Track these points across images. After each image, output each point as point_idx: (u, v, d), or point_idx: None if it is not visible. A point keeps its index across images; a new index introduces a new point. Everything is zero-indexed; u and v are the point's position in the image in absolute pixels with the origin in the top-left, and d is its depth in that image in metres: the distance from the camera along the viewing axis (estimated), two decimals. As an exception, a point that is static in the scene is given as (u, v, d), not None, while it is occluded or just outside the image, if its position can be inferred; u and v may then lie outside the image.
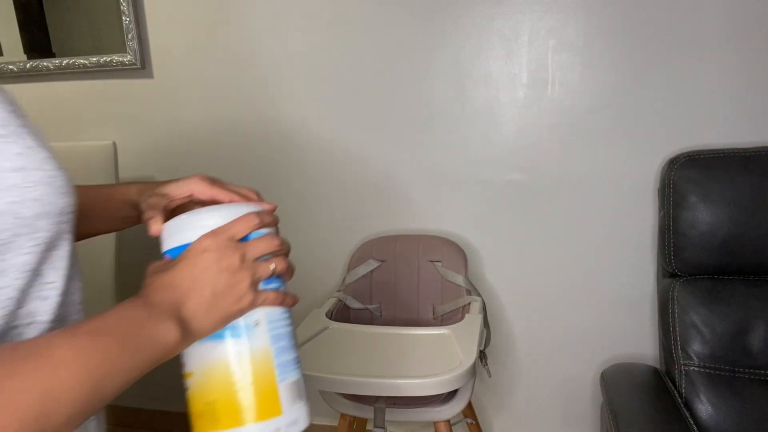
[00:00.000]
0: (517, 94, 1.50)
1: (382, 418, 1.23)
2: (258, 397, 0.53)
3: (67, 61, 1.76)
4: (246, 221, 0.53)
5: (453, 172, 1.58)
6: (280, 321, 0.57)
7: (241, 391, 0.52)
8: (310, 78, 1.61)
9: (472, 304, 1.42)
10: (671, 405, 1.19)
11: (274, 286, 0.57)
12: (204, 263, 0.49)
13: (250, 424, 0.52)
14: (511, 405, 1.72)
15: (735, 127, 1.39)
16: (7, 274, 0.40)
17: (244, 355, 0.53)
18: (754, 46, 1.34)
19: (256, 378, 0.53)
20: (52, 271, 0.44)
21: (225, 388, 0.52)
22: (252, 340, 0.53)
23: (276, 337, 0.55)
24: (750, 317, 1.24)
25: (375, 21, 1.53)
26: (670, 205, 1.32)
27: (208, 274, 0.49)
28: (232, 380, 0.52)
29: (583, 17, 1.42)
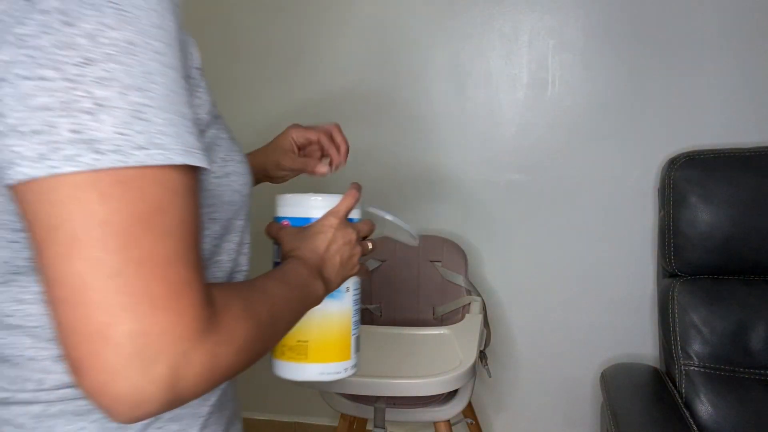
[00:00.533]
0: (517, 94, 1.50)
1: (382, 418, 1.23)
2: (338, 344, 0.70)
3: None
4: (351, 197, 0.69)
5: (453, 172, 1.58)
6: (357, 290, 0.73)
7: (328, 337, 0.68)
8: (310, 78, 1.61)
9: (472, 304, 1.42)
10: (671, 405, 1.19)
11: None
12: (334, 237, 0.63)
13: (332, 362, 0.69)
14: (511, 405, 1.72)
15: (735, 127, 1.39)
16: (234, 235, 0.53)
17: (335, 311, 0.69)
18: (754, 46, 1.35)
19: (339, 330, 0.70)
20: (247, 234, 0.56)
21: (317, 333, 0.68)
22: (343, 303, 0.70)
23: (355, 301, 0.72)
24: (750, 317, 1.24)
25: (375, 21, 1.54)
26: (670, 205, 1.32)
27: (337, 246, 0.63)
28: (323, 328, 0.68)
29: (583, 17, 1.42)
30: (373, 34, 1.54)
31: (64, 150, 0.34)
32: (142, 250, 0.35)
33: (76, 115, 0.34)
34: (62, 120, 0.34)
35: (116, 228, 0.35)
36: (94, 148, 0.34)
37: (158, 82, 0.37)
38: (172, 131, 0.37)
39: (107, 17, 0.35)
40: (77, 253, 0.34)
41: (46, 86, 0.34)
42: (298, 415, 1.90)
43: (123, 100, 0.35)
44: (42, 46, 0.34)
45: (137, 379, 0.35)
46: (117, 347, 0.34)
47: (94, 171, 0.34)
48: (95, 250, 0.34)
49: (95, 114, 0.35)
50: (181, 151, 0.37)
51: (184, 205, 0.38)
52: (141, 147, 0.36)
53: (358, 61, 1.57)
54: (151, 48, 0.37)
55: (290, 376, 0.70)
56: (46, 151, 0.34)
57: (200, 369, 0.37)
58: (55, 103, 0.34)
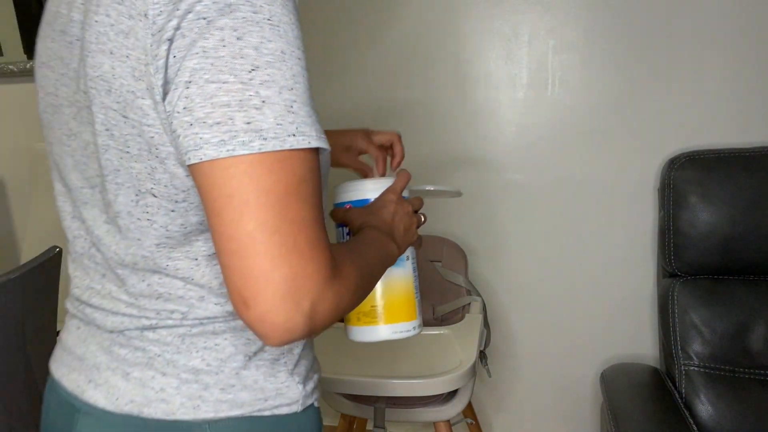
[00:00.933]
0: (517, 94, 1.50)
1: (382, 418, 1.23)
2: (405, 306, 0.78)
3: (67, 61, 1.76)
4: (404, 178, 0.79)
5: (453, 172, 1.58)
6: (414, 259, 0.81)
7: (396, 300, 0.78)
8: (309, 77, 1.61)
9: (472, 304, 1.42)
10: (671, 405, 1.20)
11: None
12: (396, 209, 0.72)
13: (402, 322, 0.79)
14: (511, 405, 1.72)
15: (735, 127, 1.39)
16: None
17: (400, 277, 0.78)
18: (755, 46, 1.35)
19: (405, 293, 0.78)
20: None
21: (387, 297, 0.77)
22: (405, 269, 0.78)
23: (414, 269, 0.80)
24: (750, 317, 1.24)
25: (374, 20, 1.54)
26: (670, 205, 1.32)
27: (399, 216, 0.72)
28: (391, 293, 0.77)
29: (583, 17, 1.42)
30: (373, 34, 1.54)
31: (239, 137, 0.44)
32: (293, 212, 0.46)
33: (248, 110, 0.45)
34: (238, 114, 0.44)
35: (276, 195, 0.45)
36: (261, 135, 0.45)
37: (300, 82, 0.47)
38: (310, 121, 0.48)
39: (266, 32, 0.45)
40: (248, 215, 0.45)
41: (226, 88, 0.44)
42: (298, 415, 1.90)
43: (280, 97, 0.46)
44: (221, 56, 0.44)
45: (291, 311, 0.45)
46: (276, 287, 0.45)
47: (261, 153, 0.45)
48: (262, 212, 0.45)
49: (261, 109, 0.45)
50: (317, 137, 0.48)
51: (317, 179, 0.49)
52: (292, 134, 0.46)
53: (358, 61, 1.57)
54: (296, 55, 0.47)
55: (367, 339, 0.79)
56: (227, 138, 0.44)
57: (330, 305, 0.48)
58: (233, 101, 0.44)
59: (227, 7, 0.45)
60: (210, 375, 0.55)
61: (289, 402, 0.59)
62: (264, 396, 0.57)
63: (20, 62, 1.80)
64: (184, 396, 0.55)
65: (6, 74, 1.82)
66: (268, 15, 0.46)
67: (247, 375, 0.57)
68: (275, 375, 0.58)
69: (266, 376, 0.58)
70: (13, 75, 1.82)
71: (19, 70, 1.80)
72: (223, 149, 0.44)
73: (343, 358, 1.17)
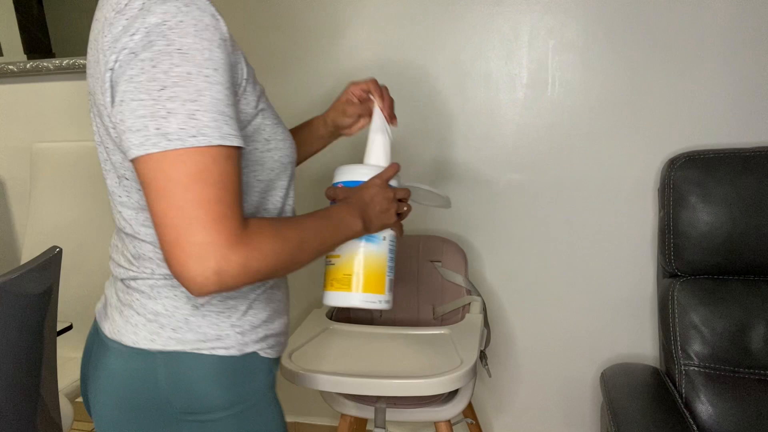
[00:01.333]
0: (517, 94, 1.50)
1: (382, 418, 1.23)
2: (375, 279, 0.89)
3: (67, 61, 1.76)
4: (392, 168, 0.90)
5: (453, 172, 1.58)
6: (394, 242, 0.92)
7: (368, 273, 0.89)
8: (309, 78, 1.61)
9: (472, 304, 1.42)
10: (671, 405, 1.20)
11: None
12: (376, 192, 0.86)
13: (368, 293, 0.89)
14: (511, 405, 1.72)
15: (735, 127, 1.39)
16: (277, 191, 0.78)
17: (374, 253, 0.89)
18: (754, 46, 1.35)
19: (376, 268, 0.89)
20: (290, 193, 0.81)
21: (359, 268, 0.88)
22: (379, 246, 0.89)
23: (390, 249, 0.91)
24: (750, 317, 1.24)
25: (375, 20, 1.54)
26: (670, 205, 1.32)
27: (378, 199, 0.85)
28: (364, 265, 0.88)
29: (583, 17, 1.42)
30: (373, 34, 1.54)
31: (151, 140, 0.60)
32: (195, 194, 0.60)
33: (157, 119, 0.60)
34: (151, 123, 0.60)
35: (181, 182, 0.60)
36: (167, 137, 0.60)
37: (205, 95, 0.61)
38: (215, 125, 0.61)
39: (175, 59, 0.60)
40: (161, 197, 0.60)
41: (143, 104, 0.60)
42: (298, 415, 1.90)
43: (183, 108, 0.60)
44: (140, 80, 0.60)
45: (198, 270, 0.60)
46: (185, 250, 0.60)
47: (166, 151, 0.60)
48: (168, 195, 0.60)
49: (167, 118, 0.60)
50: (218, 137, 0.61)
51: (222, 168, 0.62)
52: (193, 136, 0.60)
53: (358, 61, 1.57)
54: (202, 74, 0.61)
55: (338, 303, 0.89)
56: (144, 141, 0.60)
57: (236, 267, 0.61)
58: (147, 113, 0.60)
59: (149, 43, 0.60)
60: (166, 318, 0.72)
61: (226, 347, 0.73)
62: (205, 338, 0.72)
63: (20, 62, 1.80)
64: (146, 331, 0.72)
65: (6, 74, 1.82)
66: (178, 46, 0.60)
67: (194, 321, 0.73)
68: (218, 324, 0.73)
69: (209, 324, 0.73)
70: (13, 75, 1.82)
71: (19, 70, 1.80)
72: (141, 149, 0.60)
73: (343, 358, 1.17)
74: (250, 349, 0.75)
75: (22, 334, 0.97)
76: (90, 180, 1.75)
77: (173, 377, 0.71)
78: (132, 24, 0.61)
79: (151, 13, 0.60)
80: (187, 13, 0.61)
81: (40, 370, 1.03)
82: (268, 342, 0.78)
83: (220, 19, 0.64)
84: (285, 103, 1.65)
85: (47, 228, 1.79)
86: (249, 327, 0.75)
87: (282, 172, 0.77)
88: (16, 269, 0.95)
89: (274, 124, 0.75)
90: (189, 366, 0.72)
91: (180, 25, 0.61)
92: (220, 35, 0.63)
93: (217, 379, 0.73)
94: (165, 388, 0.71)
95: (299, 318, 1.80)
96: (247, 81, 0.69)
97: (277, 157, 0.75)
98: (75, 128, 1.83)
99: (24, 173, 1.91)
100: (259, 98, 0.72)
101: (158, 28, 0.60)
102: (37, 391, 1.03)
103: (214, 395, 0.72)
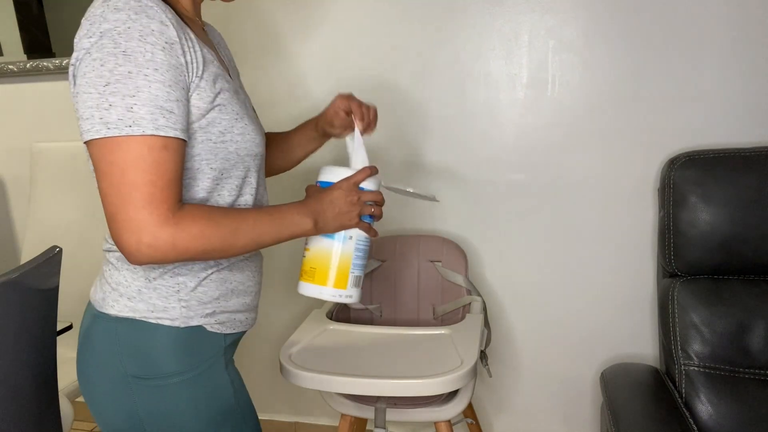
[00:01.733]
0: (517, 94, 1.50)
1: (382, 419, 1.23)
2: (338, 275, 0.95)
3: (67, 61, 1.76)
4: (363, 173, 0.95)
5: (453, 172, 1.58)
6: (363, 242, 0.97)
7: (331, 268, 0.95)
8: (308, 77, 1.61)
9: (473, 304, 1.42)
10: (671, 405, 1.20)
11: (368, 220, 0.96)
12: (338, 195, 0.92)
13: (330, 287, 0.95)
14: (511, 405, 1.72)
15: (735, 127, 1.39)
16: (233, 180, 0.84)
17: (339, 250, 0.95)
18: (754, 46, 1.35)
19: (340, 265, 0.95)
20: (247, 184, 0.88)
21: (323, 263, 0.95)
22: (345, 245, 0.95)
23: (357, 248, 0.96)
24: (750, 317, 1.24)
25: (375, 20, 1.54)
26: (670, 205, 1.32)
27: (338, 202, 0.91)
28: (328, 261, 0.95)
29: (583, 17, 1.42)
30: (373, 34, 1.54)
31: (95, 128, 0.71)
32: (129, 177, 0.70)
33: (101, 111, 0.70)
34: (96, 113, 0.71)
35: (118, 166, 0.70)
36: (107, 126, 0.70)
37: (143, 90, 0.71)
38: (149, 117, 0.71)
39: (119, 59, 0.70)
40: (103, 178, 0.71)
41: (91, 97, 0.71)
42: (298, 415, 1.90)
43: (122, 102, 0.70)
44: (90, 77, 0.71)
45: (130, 242, 0.71)
46: (120, 226, 0.71)
47: (106, 137, 0.70)
48: (108, 176, 0.71)
49: (109, 110, 0.70)
50: (153, 128, 0.71)
51: (157, 156, 0.71)
52: (129, 126, 0.70)
53: (358, 61, 1.57)
54: (143, 73, 0.71)
55: (303, 292, 0.97)
56: (90, 127, 0.71)
57: (164, 244, 0.72)
58: (93, 105, 0.71)
59: (101, 45, 0.71)
60: (124, 287, 0.83)
61: (171, 318, 0.82)
62: (153, 309, 0.82)
63: (20, 62, 1.80)
64: (110, 298, 0.84)
65: (6, 74, 1.82)
66: (123, 48, 0.70)
67: (146, 292, 0.82)
68: (166, 297, 0.82)
69: (159, 296, 0.82)
70: (13, 75, 1.82)
71: (19, 70, 1.80)
72: (88, 135, 0.71)
73: (343, 358, 1.17)
74: (195, 322, 0.84)
75: (22, 333, 0.97)
76: (90, 180, 1.74)
77: (126, 341, 0.82)
78: (90, 29, 0.72)
79: (106, 20, 0.71)
80: (135, 21, 0.71)
81: (39, 370, 1.03)
82: (217, 318, 0.86)
83: (170, 26, 0.73)
84: (285, 102, 1.64)
85: (47, 228, 1.79)
86: (196, 303, 0.84)
87: (238, 163, 0.84)
88: (16, 269, 0.95)
89: (233, 119, 0.82)
90: (139, 333, 0.82)
91: (128, 30, 0.71)
92: (165, 39, 0.73)
93: (162, 346, 0.82)
94: (119, 350, 0.82)
95: (299, 318, 1.80)
96: (201, 79, 0.78)
97: (232, 149, 0.82)
98: (75, 128, 1.83)
99: (24, 173, 1.91)
100: (218, 95, 0.80)
101: (109, 33, 0.70)
102: (37, 390, 1.03)
103: (160, 361, 0.82)
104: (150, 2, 0.73)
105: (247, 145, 0.84)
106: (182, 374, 0.83)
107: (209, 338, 0.85)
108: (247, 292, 0.92)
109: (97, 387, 0.84)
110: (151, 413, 0.82)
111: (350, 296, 0.97)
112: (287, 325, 1.82)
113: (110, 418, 0.84)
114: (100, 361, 0.84)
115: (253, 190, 0.89)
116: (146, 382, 0.82)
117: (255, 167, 0.88)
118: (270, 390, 1.88)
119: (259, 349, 1.84)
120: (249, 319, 0.94)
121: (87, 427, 2.06)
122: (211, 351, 0.86)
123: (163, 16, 0.73)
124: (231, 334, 0.89)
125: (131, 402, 0.82)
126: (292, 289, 1.79)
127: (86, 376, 0.86)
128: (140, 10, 0.72)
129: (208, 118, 0.79)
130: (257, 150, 0.87)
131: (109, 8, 0.71)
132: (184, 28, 0.77)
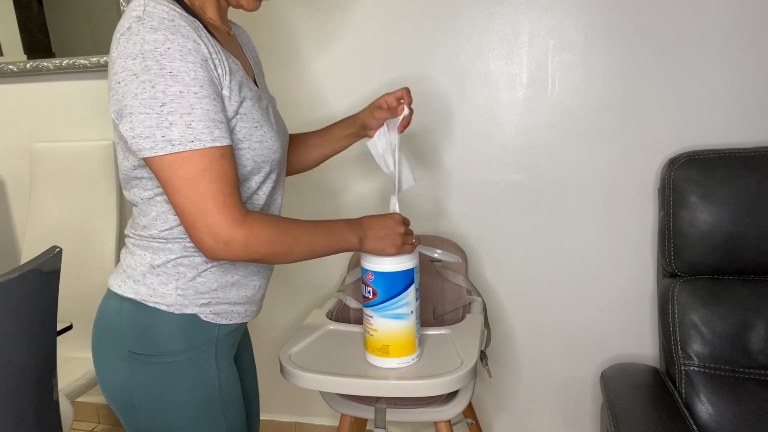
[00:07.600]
0: (517, 94, 1.50)
1: (382, 419, 1.23)
2: (407, 346, 1.09)
3: (67, 61, 1.76)
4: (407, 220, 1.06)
5: (453, 172, 1.58)
6: (418, 310, 1.10)
7: (401, 343, 1.09)
8: (308, 75, 1.61)
9: (473, 304, 1.42)
10: (671, 405, 1.20)
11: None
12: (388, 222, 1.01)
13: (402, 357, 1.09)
14: (511, 405, 1.72)
15: (735, 127, 1.39)
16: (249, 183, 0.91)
17: (404, 328, 1.08)
18: (754, 46, 1.35)
19: (407, 338, 1.09)
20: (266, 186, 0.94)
21: (394, 341, 1.08)
22: (408, 321, 1.08)
23: (417, 317, 1.10)
24: (750, 317, 1.24)
25: (375, 20, 1.54)
26: (670, 205, 1.32)
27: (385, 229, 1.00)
28: (397, 339, 1.08)
29: (583, 17, 1.42)
30: (373, 34, 1.54)
31: (159, 145, 0.77)
32: (201, 188, 0.78)
33: (162, 129, 0.77)
34: (156, 132, 0.77)
35: (189, 179, 0.78)
36: (171, 143, 0.77)
37: (197, 107, 0.77)
38: (207, 131, 0.78)
39: (167, 80, 0.76)
40: (177, 192, 0.79)
41: (149, 117, 0.77)
42: (298, 415, 1.90)
43: (181, 120, 0.77)
44: (143, 98, 0.76)
45: (210, 244, 0.80)
46: (201, 232, 0.79)
47: (171, 153, 0.77)
48: (183, 190, 0.78)
49: (170, 128, 0.77)
50: (210, 141, 0.78)
51: (219, 166, 0.79)
52: (191, 141, 0.77)
53: (358, 61, 1.57)
54: (192, 91, 0.77)
55: (379, 365, 1.10)
56: (153, 146, 0.77)
57: (239, 242, 0.80)
58: (153, 125, 0.77)
59: (145, 67, 0.76)
60: (132, 270, 0.90)
61: (168, 304, 0.89)
62: (152, 294, 0.89)
63: (20, 62, 1.80)
64: (119, 279, 0.91)
65: (6, 74, 1.82)
66: (169, 69, 0.76)
67: (149, 277, 0.89)
68: (166, 284, 0.89)
69: (159, 282, 0.89)
70: (13, 75, 1.82)
71: (19, 70, 1.80)
72: (152, 152, 0.77)
73: (343, 358, 1.17)
74: (189, 311, 0.89)
75: (22, 334, 0.97)
76: (90, 180, 1.75)
77: (128, 320, 0.89)
78: (128, 47, 0.77)
79: (146, 42, 0.76)
80: (173, 41, 0.76)
81: (39, 370, 1.03)
82: (212, 308, 0.91)
83: (201, 44, 0.79)
84: (291, 102, 1.64)
85: (47, 228, 1.79)
86: (193, 292, 0.90)
87: (255, 169, 0.90)
88: (16, 269, 0.95)
89: (253, 127, 0.88)
90: (139, 313, 0.89)
91: (168, 51, 0.76)
92: (201, 57, 0.79)
93: (157, 328, 0.89)
94: (122, 326, 0.89)
95: (299, 318, 1.80)
96: (228, 89, 0.84)
97: (249, 155, 0.88)
98: (75, 128, 1.83)
99: (24, 173, 1.92)
100: (242, 104, 0.86)
101: (151, 54, 0.75)
102: (37, 391, 1.03)
103: (155, 341, 0.88)
104: (181, 20, 0.78)
105: (264, 152, 0.90)
106: (173, 356, 0.89)
107: (203, 327, 0.91)
108: (249, 285, 0.96)
109: (103, 358, 0.92)
110: (139, 387, 0.89)
111: (418, 355, 1.13)
112: (287, 325, 1.82)
113: (109, 386, 0.92)
114: (107, 335, 0.91)
115: (265, 195, 0.94)
116: (141, 358, 0.88)
117: (272, 171, 0.94)
118: (270, 390, 1.88)
119: (259, 349, 1.84)
120: (248, 312, 0.98)
121: (87, 427, 2.06)
122: (202, 339, 0.91)
123: (194, 35, 0.79)
124: (226, 325, 0.94)
125: (127, 374, 0.89)
126: (292, 289, 1.79)
127: (95, 347, 0.94)
128: (175, 30, 0.77)
129: (230, 125, 0.85)
130: (274, 156, 0.92)
131: (145, 27, 0.76)
132: (211, 41, 0.82)
